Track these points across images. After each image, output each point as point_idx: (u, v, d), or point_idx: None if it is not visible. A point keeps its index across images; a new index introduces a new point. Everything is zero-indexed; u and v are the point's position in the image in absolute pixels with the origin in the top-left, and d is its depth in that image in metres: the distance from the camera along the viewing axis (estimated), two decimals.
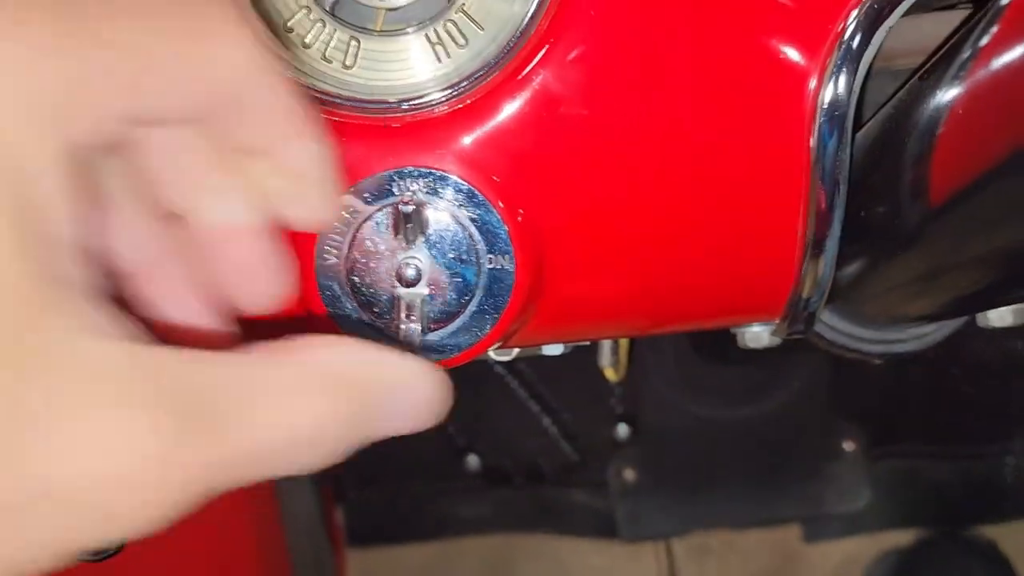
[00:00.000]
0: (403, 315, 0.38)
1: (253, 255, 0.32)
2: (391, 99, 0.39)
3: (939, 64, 0.39)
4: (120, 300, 0.31)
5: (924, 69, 0.40)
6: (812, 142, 0.40)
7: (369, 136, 0.39)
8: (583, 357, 1.19)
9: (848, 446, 1.37)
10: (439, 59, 0.39)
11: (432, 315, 0.39)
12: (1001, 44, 0.37)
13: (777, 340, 0.54)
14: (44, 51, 0.24)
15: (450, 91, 0.39)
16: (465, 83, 0.39)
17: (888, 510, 1.38)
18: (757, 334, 0.55)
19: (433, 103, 0.39)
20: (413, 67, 0.39)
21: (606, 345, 0.80)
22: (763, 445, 1.35)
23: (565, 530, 1.40)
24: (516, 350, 0.53)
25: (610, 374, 1.02)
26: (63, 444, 0.22)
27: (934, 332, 0.56)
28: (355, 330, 0.40)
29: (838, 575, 1.38)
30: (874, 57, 0.40)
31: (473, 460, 1.38)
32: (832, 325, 0.57)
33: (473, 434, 1.37)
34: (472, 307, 0.39)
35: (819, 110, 0.39)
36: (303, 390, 0.27)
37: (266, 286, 0.32)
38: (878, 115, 0.42)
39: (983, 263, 0.43)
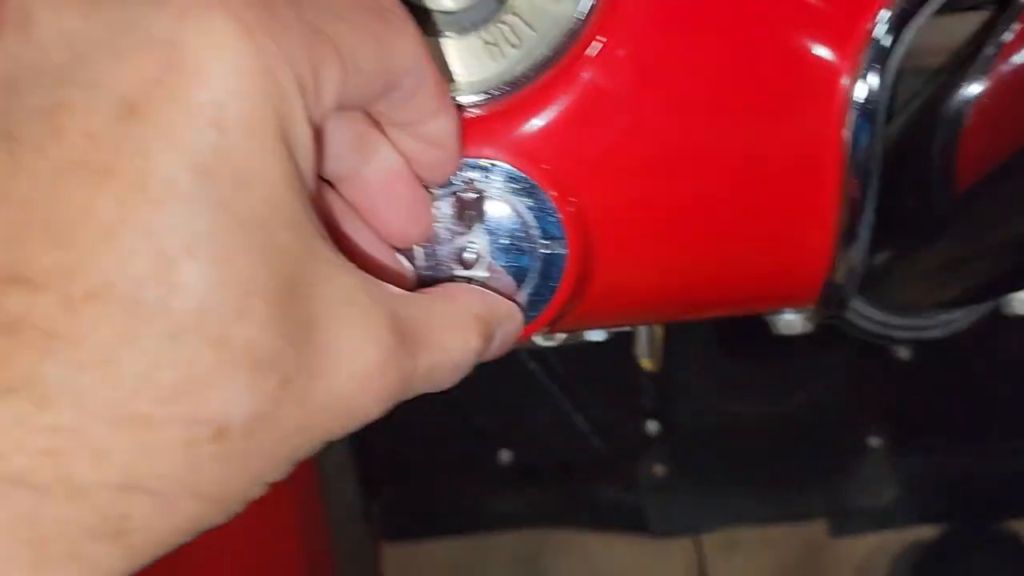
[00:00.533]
0: None
1: (412, 193, 0.38)
2: None
3: (965, 60, 0.42)
4: None
5: (951, 64, 0.42)
6: (846, 135, 0.42)
7: None
8: (614, 353, 1.21)
9: (874, 441, 1.38)
10: (494, 59, 0.42)
11: None
12: (1022, 41, 0.40)
13: (810, 327, 0.57)
14: (279, 36, 0.27)
15: (505, 88, 0.41)
16: (519, 80, 0.41)
17: (914, 505, 1.39)
18: (790, 322, 0.58)
19: (489, 100, 0.42)
20: (469, 67, 0.42)
21: (643, 335, 0.82)
22: (790, 440, 1.37)
23: (595, 525, 1.42)
24: (561, 335, 0.56)
25: (647, 364, 1.03)
26: (340, 356, 0.29)
27: (961, 318, 0.58)
28: None
29: (864, 568, 1.39)
30: (904, 55, 0.42)
31: (505, 455, 1.40)
32: (863, 313, 0.59)
33: (505, 429, 1.39)
34: (527, 290, 0.42)
35: (852, 105, 0.42)
36: (461, 327, 0.35)
37: (420, 221, 0.39)
38: (907, 108, 0.44)
39: (1009, 248, 0.46)
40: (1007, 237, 0.45)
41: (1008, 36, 0.40)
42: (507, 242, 0.41)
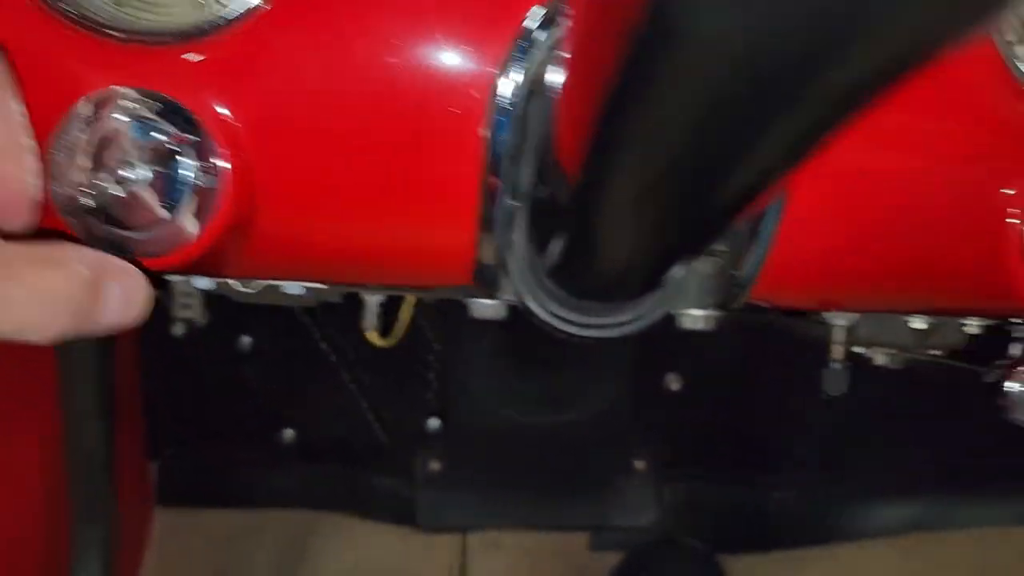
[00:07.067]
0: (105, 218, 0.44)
1: None
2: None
3: None
4: None
5: None
6: (484, 133, 0.48)
7: (106, 55, 0.46)
8: (405, 348, 1.25)
9: (639, 464, 1.46)
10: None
11: (144, 217, 0.45)
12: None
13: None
14: None
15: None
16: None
17: (673, 529, 1.47)
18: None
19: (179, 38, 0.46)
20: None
21: (370, 308, 0.85)
22: (563, 453, 1.43)
23: (367, 512, 1.45)
24: (257, 283, 0.59)
25: (373, 337, 1.03)
26: None
27: (632, 321, 0.62)
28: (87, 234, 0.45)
29: None
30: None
31: (289, 433, 1.42)
32: (550, 310, 0.64)
33: (291, 408, 1.42)
34: (181, 210, 0.45)
35: (493, 102, 0.47)
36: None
37: None
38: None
39: (621, 236, 0.50)
40: (611, 228, 0.50)
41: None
42: (163, 165, 0.44)
